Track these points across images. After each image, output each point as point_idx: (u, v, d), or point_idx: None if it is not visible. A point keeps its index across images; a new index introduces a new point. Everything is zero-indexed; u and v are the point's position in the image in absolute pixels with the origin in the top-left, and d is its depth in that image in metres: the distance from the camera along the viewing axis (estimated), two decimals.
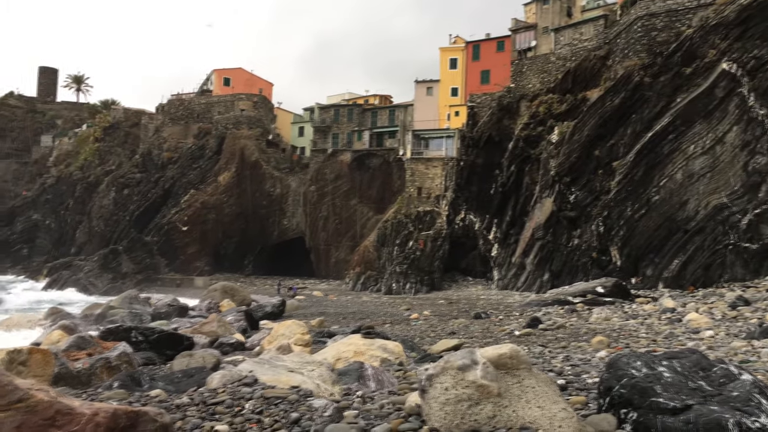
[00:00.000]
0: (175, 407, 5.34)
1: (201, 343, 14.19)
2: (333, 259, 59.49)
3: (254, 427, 4.70)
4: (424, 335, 17.71)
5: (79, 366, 8.62)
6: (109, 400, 5.63)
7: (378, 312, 27.70)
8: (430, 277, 44.80)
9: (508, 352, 4.68)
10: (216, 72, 73.08)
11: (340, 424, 4.51)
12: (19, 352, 7.71)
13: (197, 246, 62.20)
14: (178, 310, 24.28)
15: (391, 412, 4.93)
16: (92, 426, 3.47)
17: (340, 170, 59.63)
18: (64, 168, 78.68)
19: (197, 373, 7.57)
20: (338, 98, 68.09)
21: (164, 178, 65.75)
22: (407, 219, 48.13)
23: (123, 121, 76.48)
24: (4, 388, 3.36)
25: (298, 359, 7.17)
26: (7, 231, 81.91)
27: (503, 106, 44.70)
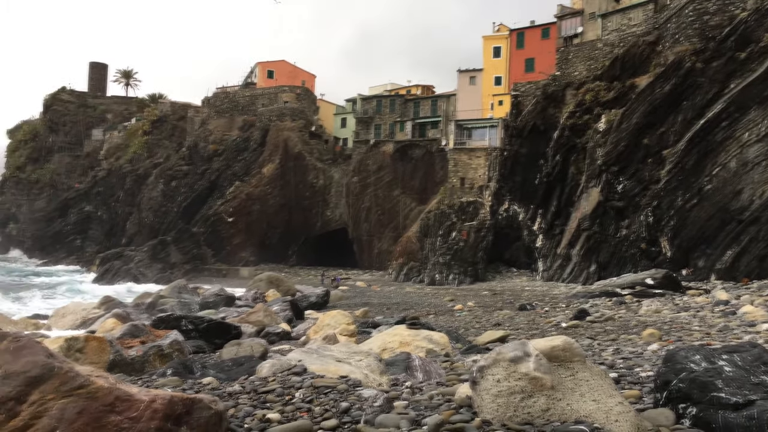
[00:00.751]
0: (227, 395, 5.41)
1: (248, 333, 14.41)
2: (376, 250, 59.67)
3: (305, 416, 4.73)
4: (468, 326, 17.60)
5: (132, 353, 8.85)
6: (164, 387, 5.75)
7: (421, 303, 27.66)
8: (473, 268, 44.52)
9: (561, 344, 4.59)
10: (260, 65, 73.86)
11: (390, 414, 4.50)
12: (77, 339, 7.95)
13: (242, 237, 63.21)
14: (225, 299, 24.70)
15: (441, 403, 4.89)
16: (150, 412, 3.54)
17: (382, 161, 59.65)
18: (115, 161, 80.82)
19: (247, 362, 7.67)
20: (380, 89, 68.05)
21: (210, 170, 66.90)
22: (450, 210, 47.87)
23: (170, 114, 78.05)
24: (65, 374, 3.45)
25: (345, 349, 7.19)
26: (61, 222, 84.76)
27: (548, 95, 43.94)
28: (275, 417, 4.65)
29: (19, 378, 3.34)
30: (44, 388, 3.36)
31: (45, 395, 3.34)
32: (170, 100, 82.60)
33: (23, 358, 3.42)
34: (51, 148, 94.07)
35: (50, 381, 3.39)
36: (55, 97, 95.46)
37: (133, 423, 3.46)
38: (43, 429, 3.25)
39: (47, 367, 3.41)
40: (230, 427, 4.34)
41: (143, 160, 75.58)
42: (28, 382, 3.34)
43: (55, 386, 3.39)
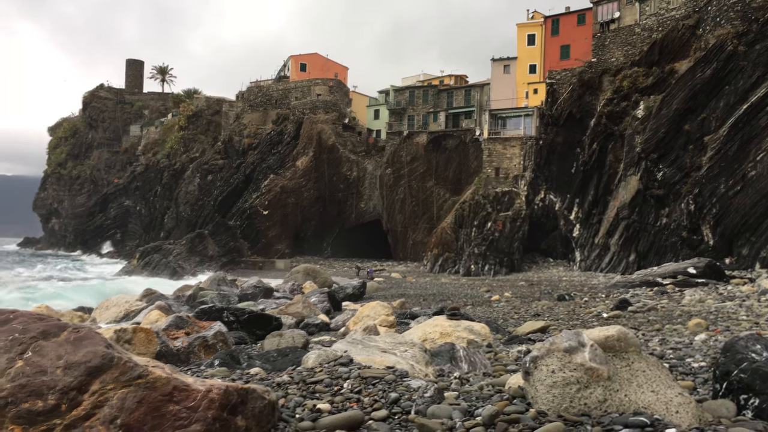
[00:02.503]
0: (276, 385, 5.44)
1: (288, 324, 14.51)
2: (410, 241, 59.60)
3: (354, 406, 4.72)
4: (507, 317, 17.46)
5: (178, 344, 8.97)
6: (213, 377, 5.81)
7: (458, 294, 27.55)
8: (509, 259, 44.16)
9: (616, 334, 4.49)
10: (292, 58, 74.19)
11: (441, 405, 4.46)
12: (125, 330, 8.09)
13: (278, 229, 63.78)
14: (264, 291, 24.91)
15: (492, 394, 4.83)
16: (207, 402, 3.56)
17: (416, 152, 59.46)
18: (152, 156, 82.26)
19: (291, 353, 7.71)
20: (413, 80, 67.77)
21: (245, 163, 67.59)
22: (485, 200, 47.51)
23: (205, 109, 79.03)
24: (124, 364, 3.49)
25: (390, 340, 7.17)
26: (101, 217, 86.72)
27: (584, 82, 43.21)
28: (325, 407, 4.66)
29: (80, 368, 3.39)
30: (104, 378, 3.40)
31: (105, 385, 3.38)
32: (205, 96, 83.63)
33: (84, 349, 3.47)
34: (90, 144, 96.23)
35: (110, 371, 3.43)
36: (93, 94, 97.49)
37: (191, 412, 3.48)
38: (104, 418, 3.29)
39: (107, 357, 3.46)
40: (282, 416, 4.35)
41: (180, 155, 76.75)
42: (89, 372, 3.39)
43: (115, 376, 3.43)
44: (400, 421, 4.36)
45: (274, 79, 75.14)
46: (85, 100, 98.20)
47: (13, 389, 3.23)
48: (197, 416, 3.49)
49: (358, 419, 4.31)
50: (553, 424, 3.89)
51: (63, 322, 3.68)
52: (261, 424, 3.98)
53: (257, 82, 74.99)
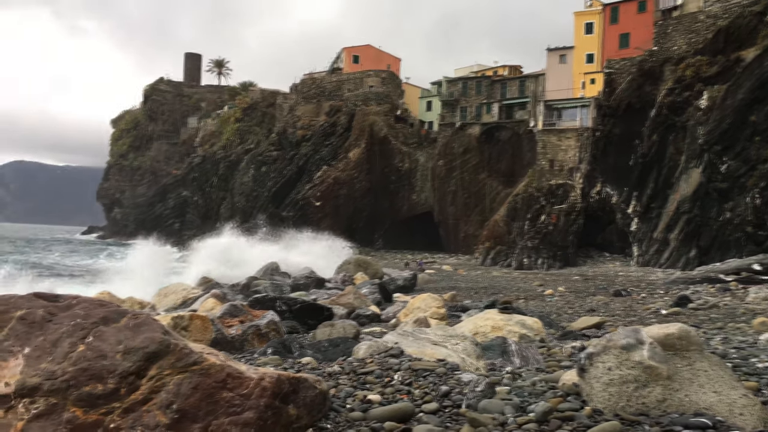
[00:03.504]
0: (327, 375, 5.47)
1: (339, 314, 14.62)
2: (462, 234, 59.23)
3: (405, 398, 4.71)
4: (560, 312, 17.15)
5: (232, 332, 9.15)
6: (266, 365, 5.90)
7: (510, 287, 27.22)
8: (563, 253, 43.37)
9: (677, 331, 4.33)
10: (345, 50, 74.53)
11: (493, 399, 4.40)
12: (182, 317, 8.30)
13: (330, 220, 64.34)
14: (315, 281, 25.18)
15: (545, 390, 4.74)
16: (259, 390, 3.60)
17: (468, 144, 58.94)
18: (209, 147, 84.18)
19: (342, 343, 7.76)
20: (466, 71, 67.12)
21: (298, 155, 68.42)
22: (539, 193, 46.77)
23: (260, 101, 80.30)
24: (181, 351, 3.57)
25: (441, 332, 7.13)
26: (160, 207, 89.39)
27: (644, 71, 41.88)
28: (376, 398, 4.66)
29: (139, 353, 3.48)
30: (161, 363, 3.48)
31: (162, 370, 3.46)
32: (260, 88, 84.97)
33: (142, 335, 3.56)
34: (151, 136, 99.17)
35: (167, 357, 3.51)
36: (154, 87, 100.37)
37: (244, 400, 3.53)
38: (161, 403, 3.37)
39: (164, 343, 3.54)
40: (333, 406, 4.37)
41: (235, 147, 78.29)
42: (147, 358, 3.47)
43: (171, 362, 3.51)
44: (450, 415, 4.32)
45: (328, 71, 75.67)
46: (146, 93, 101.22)
47: (75, 372, 3.34)
48: (250, 404, 3.53)
49: (408, 411, 4.29)
50: (609, 423, 3.78)
51: (123, 309, 3.78)
52: (312, 413, 4.00)
53: (311, 74, 75.69)
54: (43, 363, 3.39)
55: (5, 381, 3.29)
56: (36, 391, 3.27)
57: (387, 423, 4.10)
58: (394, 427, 4.05)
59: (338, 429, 4.06)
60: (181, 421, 3.34)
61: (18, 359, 3.40)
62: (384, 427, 4.05)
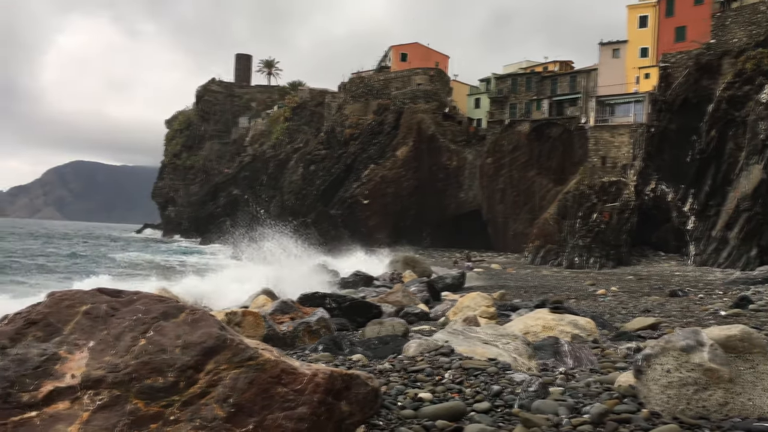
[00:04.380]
0: (377, 372, 5.50)
1: (387, 312, 14.65)
2: (511, 232, 58.57)
3: (456, 397, 4.70)
4: (614, 312, 16.77)
5: (284, 328, 9.29)
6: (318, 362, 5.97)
7: (560, 287, 26.78)
8: (616, 252, 42.40)
9: (739, 333, 4.19)
10: (393, 48, 74.57)
11: (546, 400, 4.34)
12: (235, 314, 8.48)
13: (378, 219, 64.56)
14: (364, 279, 25.30)
15: (600, 391, 4.65)
16: (312, 386, 3.65)
17: (517, 141, 58.21)
18: (259, 147, 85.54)
19: (392, 341, 7.78)
20: (515, 67, 66.27)
21: (346, 153, 68.82)
22: (590, 190, 45.83)
23: (309, 100, 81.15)
24: (236, 346, 3.64)
25: (491, 331, 7.07)
26: (212, 205, 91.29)
27: (702, 65, 40.56)
28: (427, 396, 4.66)
29: (197, 348, 3.57)
30: (218, 358, 3.56)
31: (219, 365, 3.54)
32: (309, 87, 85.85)
33: (200, 330, 3.65)
34: (203, 135, 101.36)
35: (223, 352, 3.59)
36: (206, 88, 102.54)
37: (298, 395, 3.58)
38: (218, 396, 3.45)
39: (221, 338, 3.62)
40: (384, 404, 4.40)
41: (284, 146, 79.32)
42: (204, 352, 3.56)
43: (228, 357, 3.58)
44: (503, 415, 4.29)
45: (375, 70, 75.86)
46: (198, 93, 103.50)
47: (137, 366, 3.45)
48: (303, 399, 3.58)
49: (460, 410, 4.28)
50: (667, 426, 3.69)
51: (181, 304, 3.89)
52: (364, 410, 4.03)
53: (359, 73, 76.03)
54: (107, 356, 3.51)
55: (72, 373, 3.42)
56: (100, 383, 3.39)
57: (438, 421, 4.10)
58: (446, 425, 4.05)
59: (390, 426, 4.08)
60: (237, 415, 3.41)
61: (83, 352, 3.54)
62: (435, 426, 4.04)
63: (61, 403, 3.33)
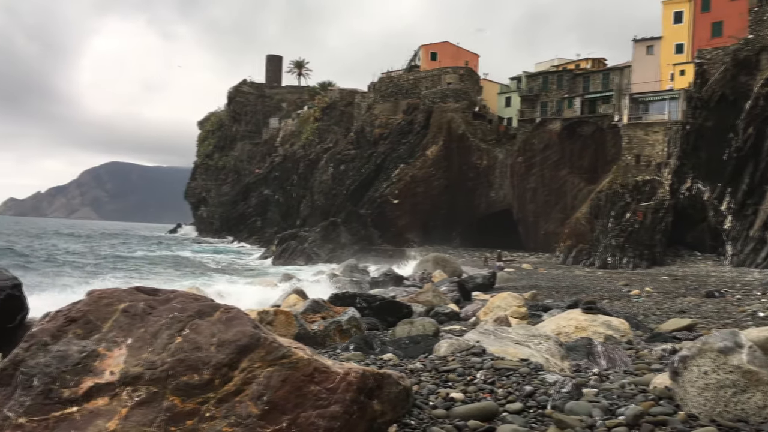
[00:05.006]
0: (409, 372, 5.51)
1: (418, 312, 14.65)
2: (542, 232, 58.01)
3: (488, 397, 4.68)
4: (648, 313, 16.51)
5: (315, 328, 9.36)
6: (349, 361, 6.00)
7: (593, 287, 26.45)
8: (650, 252, 41.69)
9: None
10: (423, 47, 74.43)
11: (580, 401, 4.30)
12: (267, 312, 8.57)
13: (407, 218, 64.50)
14: (394, 279, 25.35)
15: (635, 393, 4.59)
16: (345, 384, 3.67)
17: (549, 140, 57.61)
18: (289, 147, 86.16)
19: (423, 341, 7.78)
20: (547, 65, 65.59)
21: (376, 153, 68.90)
22: (624, 189, 45.12)
23: (338, 100, 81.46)
24: (270, 344, 3.68)
25: (523, 332, 7.02)
26: (243, 205, 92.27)
27: (739, 61, 39.61)
28: (459, 396, 4.65)
29: (231, 346, 3.62)
30: (252, 356, 3.61)
31: (253, 363, 3.59)
32: (338, 87, 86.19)
33: (234, 328, 3.70)
34: (234, 136, 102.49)
35: (257, 350, 3.63)
36: (237, 89, 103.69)
37: (330, 394, 3.61)
38: (253, 394, 3.49)
39: (254, 337, 3.66)
40: (416, 403, 4.40)
41: (314, 146, 79.75)
42: (239, 350, 3.61)
43: (261, 355, 3.63)
44: (535, 416, 4.26)
45: (405, 69, 75.81)
46: (230, 95, 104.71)
47: (173, 363, 3.52)
48: (336, 398, 3.61)
49: (492, 410, 4.27)
50: (705, 429, 3.63)
51: (216, 303, 3.95)
52: (396, 409, 4.05)
53: (388, 72, 76.06)
54: (144, 353, 3.59)
55: (110, 370, 3.51)
56: (138, 379, 3.47)
57: (471, 421, 4.08)
58: (478, 425, 4.04)
59: (422, 425, 4.08)
60: (271, 413, 3.45)
61: (121, 349, 3.62)
62: (468, 426, 4.03)
63: (101, 399, 3.41)
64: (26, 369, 3.50)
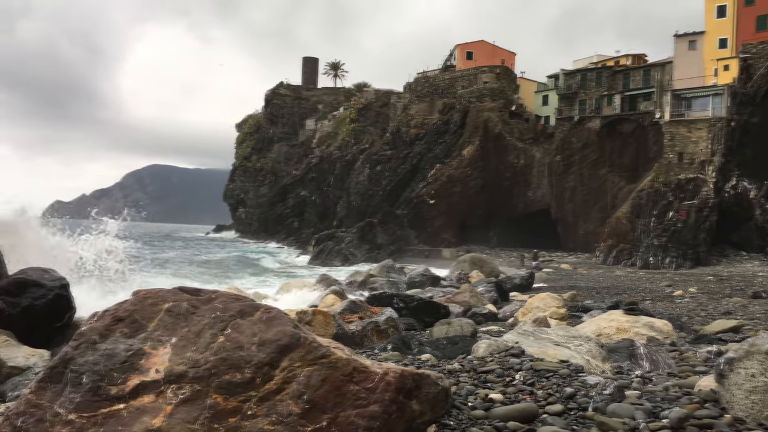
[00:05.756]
0: (447, 372, 5.50)
1: (455, 312, 14.61)
2: (581, 232, 57.18)
3: (528, 399, 4.64)
4: (692, 314, 16.12)
5: (352, 328, 9.41)
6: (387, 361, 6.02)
7: (634, 287, 25.96)
8: (694, 251, 40.72)
9: None
10: (458, 47, 74.11)
11: (622, 404, 4.23)
12: (305, 312, 8.65)
13: (444, 218, 64.29)
14: (431, 279, 25.28)
15: (680, 396, 4.50)
16: (384, 384, 3.69)
17: (587, 138, 56.76)
18: (326, 148, 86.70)
19: (461, 341, 7.76)
20: (585, 62, 64.62)
21: (412, 153, 68.86)
22: (666, 188, 44.19)
23: (374, 101, 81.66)
24: (310, 344, 3.73)
25: (563, 333, 6.94)
26: (281, 206, 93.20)
27: None
28: (498, 397, 4.62)
29: (272, 345, 3.67)
30: (292, 356, 3.66)
31: (293, 362, 3.63)
32: (374, 88, 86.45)
33: (274, 328, 3.76)
34: (271, 138, 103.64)
35: (297, 350, 3.68)
36: (274, 91, 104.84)
37: (369, 393, 3.63)
38: (293, 393, 3.54)
39: (294, 336, 3.71)
40: (455, 404, 4.39)
41: (351, 147, 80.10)
42: (279, 350, 3.66)
43: (301, 355, 3.67)
44: (576, 417, 4.21)
45: (441, 69, 75.58)
46: (267, 97, 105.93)
47: (216, 362, 3.59)
48: (375, 397, 3.63)
49: (532, 412, 4.23)
50: None
51: (257, 303, 4.01)
52: (435, 410, 4.05)
53: (424, 72, 75.93)
54: (188, 352, 3.67)
55: (156, 368, 3.59)
56: (182, 378, 3.54)
57: (510, 423, 4.06)
58: (518, 427, 4.01)
59: (461, 426, 4.07)
60: (311, 411, 3.49)
61: (166, 348, 3.70)
62: (507, 427, 4.01)
63: (147, 396, 3.50)
64: (76, 367, 3.61)
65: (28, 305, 9.89)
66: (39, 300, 9.97)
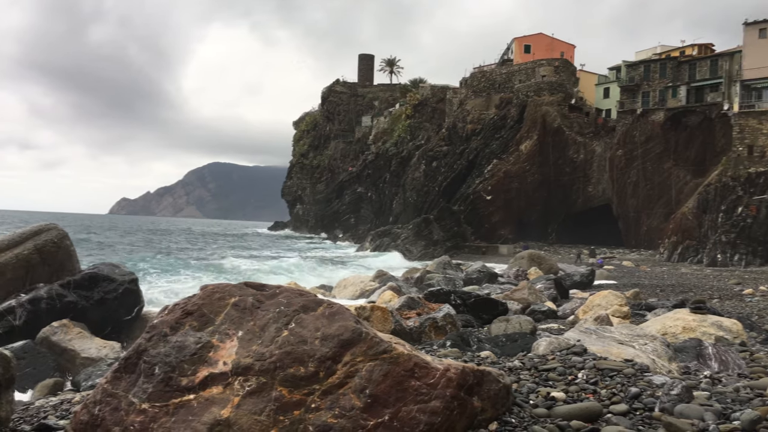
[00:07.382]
0: (507, 369, 5.47)
1: (513, 309, 14.46)
2: (644, 228, 55.54)
3: (591, 398, 4.57)
4: (763, 313, 15.50)
5: (410, 324, 9.44)
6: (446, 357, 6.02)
7: (701, 285, 25.09)
8: (764, 248, 39.00)
9: None
10: (516, 40, 73.02)
11: (691, 404, 4.12)
12: (364, 308, 8.73)
13: (501, 214, 63.57)
14: (488, 276, 25.03)
15: (751, 397, 4.35)
16: (445, 381, 3.70)
17: (651, 131, 55.02)
18: (381, 145, 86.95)
19: (520, 338, 7.68)
20: (649, 53, 62.60)
21: (468, 149, 68.31)
22: (735, 182, 42.42)
23: (430, 97, 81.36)
24: (371, 339, 3.77)
25: (627, 331, 6.79)
26: (337, 203, 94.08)
27: None
28: (560, 396, 4.57)
29: (334, 340, 3.74)
30: (354, 350, 3.71)
31: (355, 357, 3.69)
32: (430, 84, 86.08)
33: (337, 323, 3.82)
34: (328, 135, 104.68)
35: (359, 345, 3.73)
36: (330, 89, 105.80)
37: (431, 389, 3.65)
38: (355, 387, 3.59)
39: (356, 332, 3.77)
40: (516, 401, 4.37)
41: (406, 143, 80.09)
42: (342, 344, 3.72)
43: (363, 350, 3.72)
44: (642, 418, 4.13)
45: (497, 64, 74.66)
46: (324, 95, 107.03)
47: (281, 355, 3.68)
48: (436, 393, 3.65)
49: (595, 411, 4.17)
50: None
51: (319, 298, 4.08)
52: (496, 407, 4.03)
53: (480, 67, 75.14)
54: (254, 345, 3.77)
55: (223, 360, 3.71)
56: (249, 370, 3.65)
57: (573, 422, 4.01)
58: (581, 426, 3.96)
59: (523, 424, 4.04)
60: (373, 406, 3.54)
61: (233, 341, 3.82)
62: (570, 426, 3.96)
63: (215, 387, 3.62)
64: (148, 358, 3.77)
65: (99, 299, 10.35)
66: (110, 294, 10.42)
